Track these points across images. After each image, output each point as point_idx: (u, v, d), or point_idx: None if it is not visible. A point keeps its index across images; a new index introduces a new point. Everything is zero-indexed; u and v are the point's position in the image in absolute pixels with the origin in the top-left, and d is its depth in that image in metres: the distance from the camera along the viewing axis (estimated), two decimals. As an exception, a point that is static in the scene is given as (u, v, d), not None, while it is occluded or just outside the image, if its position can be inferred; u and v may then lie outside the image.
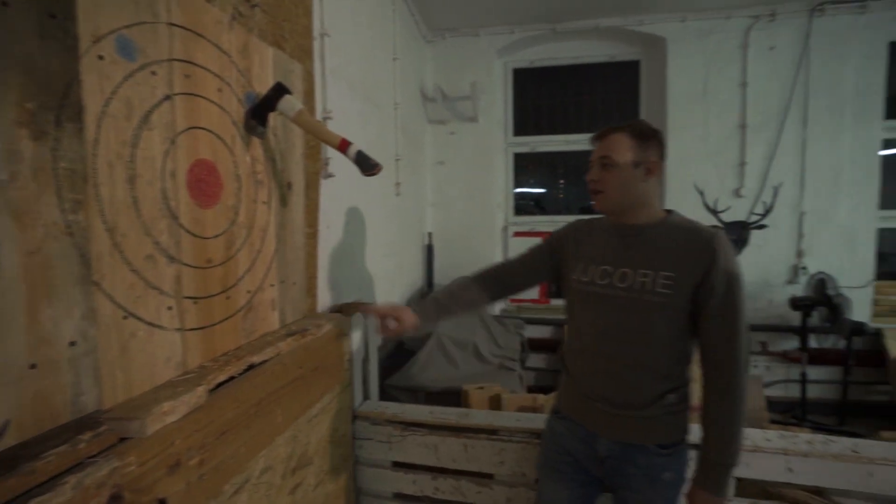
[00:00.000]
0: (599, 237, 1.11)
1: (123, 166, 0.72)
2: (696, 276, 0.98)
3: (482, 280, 1.24)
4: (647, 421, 1.04)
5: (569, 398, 1.14)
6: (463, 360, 2.10)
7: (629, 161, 1.03)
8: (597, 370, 1.07)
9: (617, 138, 1.04)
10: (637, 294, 1.01)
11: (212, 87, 0.92)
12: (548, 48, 3.38)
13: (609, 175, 1.04)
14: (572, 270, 1.13)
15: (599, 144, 1.07)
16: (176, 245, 0.83)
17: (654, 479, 1.04)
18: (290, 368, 1.05)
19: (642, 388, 1.03)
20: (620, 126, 1.06)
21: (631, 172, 1.03)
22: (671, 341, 1.02)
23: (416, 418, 1.50)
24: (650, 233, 1.05)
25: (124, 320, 0.72)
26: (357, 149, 0.98)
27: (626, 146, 1.03)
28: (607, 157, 1.03)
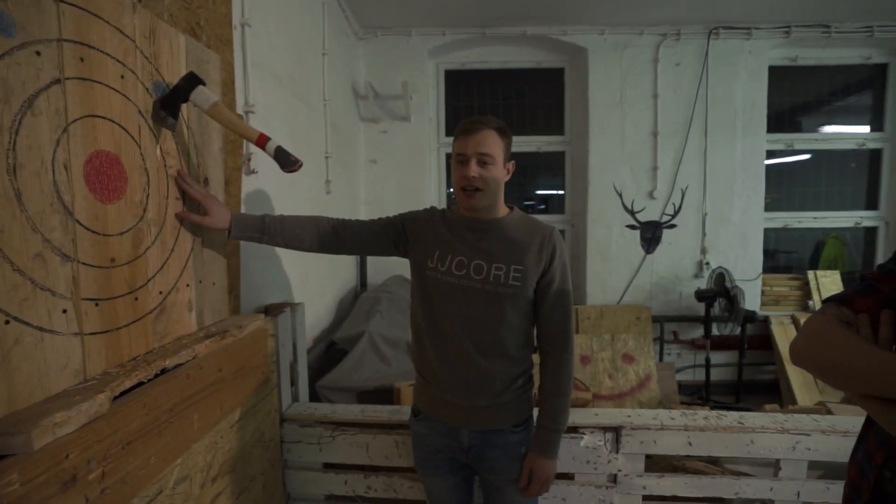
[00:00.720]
0: (453, 228, 1.14)
1: (1, 154, 0.65)
2: (540, 268, 1.09)
3: (322, 224, 1.20)
4: (503, 407, 1.13)
5: (426, 399, 1.19)
6: (396, 358, 2.10)
7: (500, 160, 1.08)
8: (455, 364, 1.11)
9: (491, 135, 1.06)
10: (492, 286, 1.08)
11: (112, 73, 0.85)
12: (479, 52, 3.47)
13: (488, 173, 1.06)
14: (427, 257, 1.14)
15: (473, 139, 1.06)
16: (71, 242, 0.76)
17: (513, 456, 1.14)
18: (208, 372, 0.99)
19: (497, 376, 1.11)
20: (486, 121, 1.08)
21: (500, 171, 1.09)
22: (520, 328, 1.12)
23: (347, 418, 1.48)
24: (498, 227, 1.12)
25: (6, 325, 0.65)
26: (276, 144, 0.95)
27: (498, 144, 1.07)
28: (487, 155, 1.05)
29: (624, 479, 1.41)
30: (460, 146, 1.09)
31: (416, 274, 1.17)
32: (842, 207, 3.50)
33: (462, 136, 1.09)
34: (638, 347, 2.78)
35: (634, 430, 1.40)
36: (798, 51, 3.33)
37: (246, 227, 1.13)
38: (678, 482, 1.41)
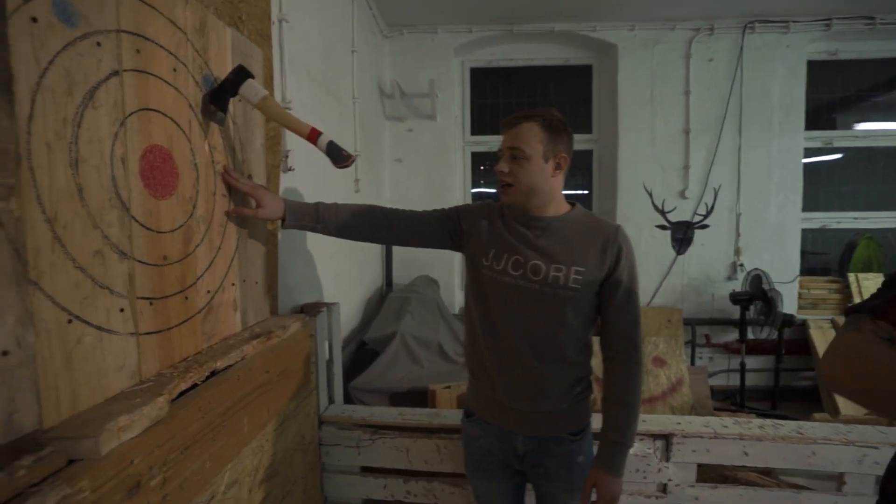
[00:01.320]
0: (509, 225, 1.09)
1: (65, 148, 0.63)
2: (604, 270, 1.03)
3: (375, 213, 1.16)
4: (560, 414, 1.08)
5: (480, 401, 1.14)
6: (428, 359, 2.07)
7: (540, 154, 1.02)
8: (511, 368, 1.06)
9: (528, 129, 1.01)
10: (551, 288, 1.02)
11: (166, 65, 0.83)
12: (505, 49, 3.42)
13: (519, 168, 1.02)
14: (482, 255, 1.09)
15: (509, 133, 1.03)
16: (128, 239, 0.73)
17: (570, 465, 1.09)
18: (257, 374, 0.97)
19: (556, 382, 1.06)
20: (531, 114, 1.03)
21: (541, 166, 1.03)
22: (580, 333, 1.06)
23: (386, 421, 1.45)
24: (558, 226, 1.06)
25: (69, 325, 0.63)
26: (328, 139, 0.92)
27: (537, 138, 1.01)
28: (518, 149, 1.01)
29: (675, 489, 1.35)
30: (502, 140, 1.06)
31: (471, 271, 1.12)
32: (884, 207, 3.36)
33: (503, 130, 1.06)
34: (669, 351, 2.70)
35: (686, 438, 1.34)
36: (838, 44, 3.20)
37: (301, 216, 1.10)
38: (733, 494, 1.34)
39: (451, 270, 3.34)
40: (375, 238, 1.17)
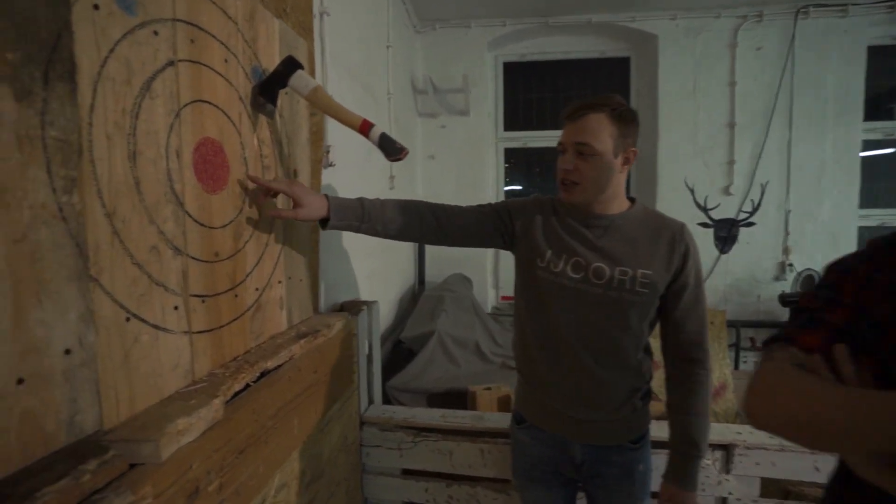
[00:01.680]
0: (566, 224, 1.02)
1: (123, 139, 0.61)
2: (671, 271, 0.96)
3: (422, 210, 1.06)
4: (621, 421, 1.01)
5: (533, 407, 1.07)
6: (465, 359, 2.02)
7: (609, 149, 0.94)
8: (570, 374, 0.99)
9: (596, 120, 0.92)
10: (616, 292, 0.95)
11: (218, 56, 0.80)
12: (539, 42, 3.33)
13: (587, 165, 0.94)
14: (537, 255, 1.02)
15: (574, 126, 0.94)
16: (182, 235, 0.71)
17: (630, 474, 1.02)
18: (306, 374, 0.94)
19: (617, 389, 1.00)
20: (598, 103, 0.93)
21: (610, 162, 0.95)
22: (642, 337, 1.00)
23: (429, 423, 1.41)
24: (621, 224, 0.99)
25: (127, 322, 0.61)
26: (381, 131, 0.88)
27: (606, 131, 0.93)
28: (586, 145, 0.93)
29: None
30: (562, 134, 0.99)
31: (524, 272, 1.06)
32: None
33: (565, 123, 0.98)
34: (713, 354, 2.57)
35: (749, 449, 1.25)
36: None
37: (345, 214, 1.00)
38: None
39: (483, 268, 3.29)
40: (424, 238, 1.08)
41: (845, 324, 0.56)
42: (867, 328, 0.53)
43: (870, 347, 0.52)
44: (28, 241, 0.49)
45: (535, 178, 3.66)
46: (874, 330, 0.52)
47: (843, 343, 0.54)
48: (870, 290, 0.55)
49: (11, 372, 0.47)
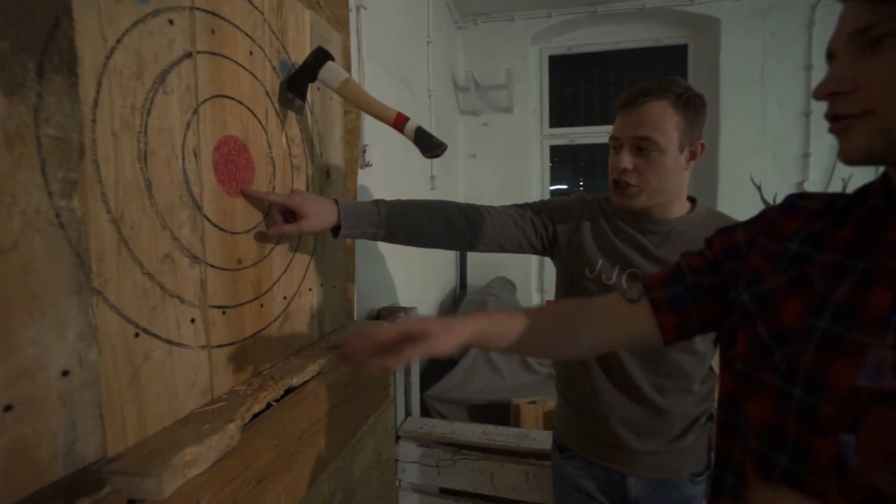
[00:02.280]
0: (618, 229, 0.89)
1: (133, 138, 0.55)
2: None
3: (451, 213, 0.91)
4: (681, 452, 0.88)
5: (579, 436, 0.94)
6: (508, 369, 1.91)
7: (675, 143, 0.80)
8: (626, 401, 0.87)
9: (658, 109, 0.79)
10: None
11: (242, 48, 0.75)
12: (587, 33, 3.16)
13: (647, 163, 0.80)
14: (585, 265, 0.89)
15: (630, 117, 0.81)
16: (200, 241, 0.66)
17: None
18: (335, 390, 0.87)
19: (678, 417, 0.86)
20: (659, 88, 0.80)
21: (675, 158, 0.81)
22: (706, 360, 0.87)
23: (469, 439, 1.32)
24: (682, 230, 0.85)
25: (136, 338, 0.56)
26: (416, 125, 0.80)
27: (671, 122, 0.79)
28: (647, 139, 0.79)
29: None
30: (615, 127, 0.86)
31: (568, 284, 0.94)
32: None
33: (619, 114, 0.85)
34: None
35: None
36: None
37: (358, 222, 0.85)
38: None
39: (527, 271, 3.16)
40: (454, 245, 0.94)
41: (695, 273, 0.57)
42: (751, 300, 0.50)
43: (746, 319, 0.50)
44: (19, 250, 0.43)
45: (582, 176, 3.48)
46: (759, 302, 0.50)
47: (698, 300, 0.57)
48: (752, 257, 0.53)
49: (-1, 398, 0.42)
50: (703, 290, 0.57)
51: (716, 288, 0.57)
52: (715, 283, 0.57)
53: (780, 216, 0.53)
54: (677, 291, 0.58)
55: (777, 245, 0.51)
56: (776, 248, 0.51)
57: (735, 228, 0.57)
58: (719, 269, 0.56)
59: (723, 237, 0.57)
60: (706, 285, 0.57)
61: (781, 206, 0.55)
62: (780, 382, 0.45)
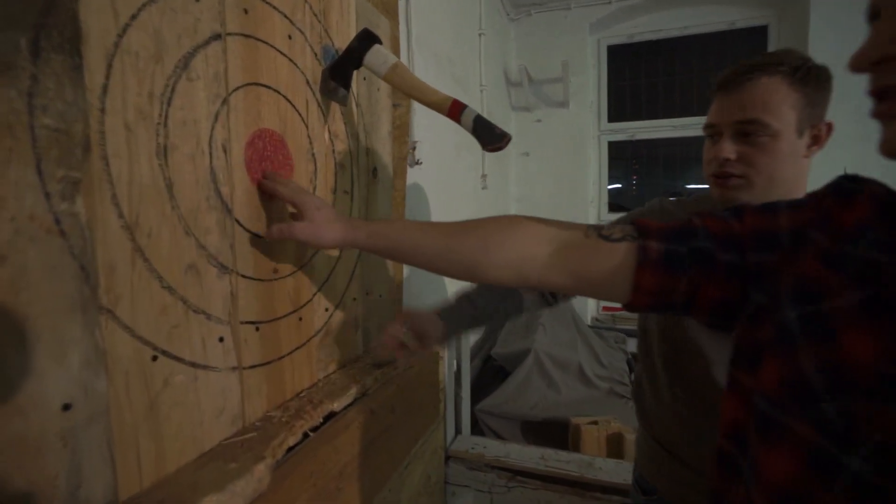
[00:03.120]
0: None
1: (150, 131, 0.48)
2: None
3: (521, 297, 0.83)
4: None
5: (670, 478, 0.78)
6: (565, 383, 1.76)
7: (792, 125, 0.64)
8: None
9: (770, 86, 0.64)
10: None
11: (280, 31, 0.67)
12: (650, 19, 2.92)
13: (756, 151, 0.65)
14: None
15: (733, 98, 0.67)
16: (230, 249, 0.58)
17: None
18: (381, 415, 0.78)
19: None
20: (769, 63, 0.65)
21: (793, 144, 0.65)
22: None
23: (525, 465, 1.19)
24: None
25: (153, 362, 0.48)
26: (475, 113, 0.69)
27: (787, 101, 0.64)
28: (756, 122, 0.64)
29: None
30: (712, 113, 0.71)
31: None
32: None
33: (717, 97, 0.70)
34: None
35: None
36: None
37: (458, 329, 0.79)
38: None
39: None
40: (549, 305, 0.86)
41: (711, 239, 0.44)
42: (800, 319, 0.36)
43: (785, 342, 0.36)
44: (8, 263, 0.36)
45: (636, 175, 3.24)
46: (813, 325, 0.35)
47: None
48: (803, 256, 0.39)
49: (-16, 440, 0.35)
50: (712, 263, 0.43)
51: (730, 271, 0.43)
52: (732, 263, 0.43)
53: (838, 204, 0.39)
54: (678, 250, 0.44)
55: (835, 244, 0.37)
56: (834, 249, 0.37)
57: (778, 210, 0.43)
58: (744, 252, 0.43)
59: (759, 215, 0.44)
60: (720, 261, 0.43)
61: (835, 191, 0.40)
62: (824, 442, 0.32)
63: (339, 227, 0.59)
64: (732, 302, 0.44)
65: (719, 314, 0.45)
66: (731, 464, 0.42)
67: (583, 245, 0.48)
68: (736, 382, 0.43)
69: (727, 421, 0.43)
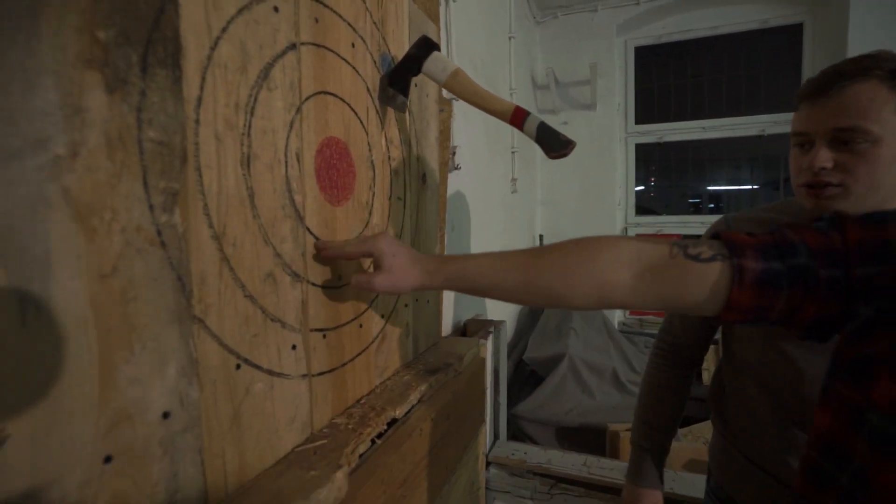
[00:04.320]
0: None
1: (236, 141, 0.48)
2: None
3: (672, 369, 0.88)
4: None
5: (757, 490, 0.75)
6: (600, 388, 1.74)
7: (892, 131, 0.61)
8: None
9: (867, 92, 0.61)
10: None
11: (344, 39, 0.67)
12: (679, 19, 2.88)
13: (857, 159, 0.62)
14: None
15: (826, 105, 0.64)
16: (302, 258, 0.58)
17: None
18: (439, 422, 0.78)
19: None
20: (864, 67, 0.62)
21: (894, 149, 0.62)
22: None
23: (568, 471, 1.18)
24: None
25: (237, 371, 0.49)
26: (538, 121, 0.68)
27: (888, 106, 0.60)
28: (855, 130, 0.61)
29: None
30: (800, 121, 0.68)
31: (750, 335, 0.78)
32: None
33: (805, 103, 0.68)
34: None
35: None
36: None
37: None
38: None
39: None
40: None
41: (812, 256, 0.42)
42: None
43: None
44: (119, 275, 0.37)
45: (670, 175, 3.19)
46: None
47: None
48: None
49: (97, 449, 0.36)
50: (814, 280, 0.42)
51: (832, 286, 0.41)
52: (834, 279, 0.41)
53: None
54: (776, 268, 0.43)
55: None
56: None
57: (887, 220, 0.42)
58: (848, 267, 0.41)
59: (866, 227, 0.42)
60: (822, 278, 0.41)
61: None
62: None
63: (416, 273, 0.58)
64: (832, 316, 0.42)
65: (816, 328, 0.44)
66: (821, 474, 0.41)
67: (669, 266, 0.46)
68: (834, 394, 0.42)
69: (820, 432, 0.42)
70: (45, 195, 0.32)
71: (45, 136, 0.32)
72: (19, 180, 0.31)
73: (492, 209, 1.84)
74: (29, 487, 0.32)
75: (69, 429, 0.34)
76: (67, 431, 0.34)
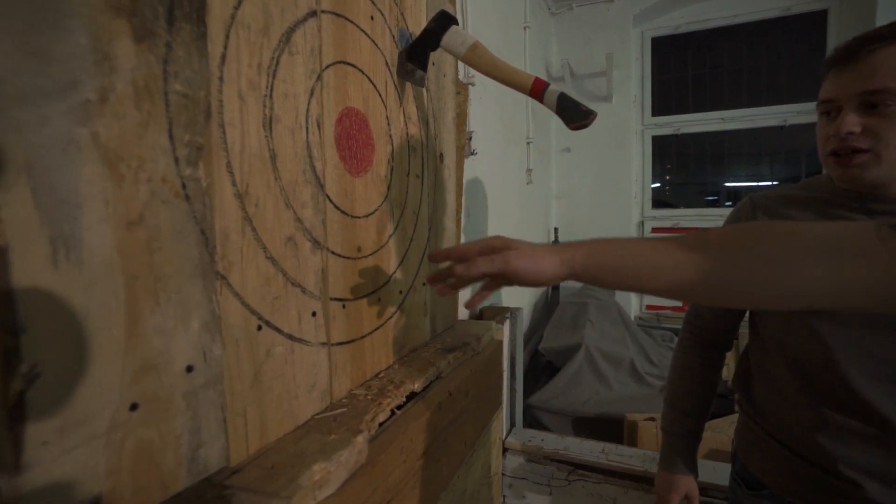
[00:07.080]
0: (850, 220, 0.67)
1: (259, 102, 0.48)
2: None
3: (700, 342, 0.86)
4: None
5: (787, 473, 0.72)
6: (617, 379, 1.72)
7: None
8: (850, 428, 0.65)
9: (893, 56, 0.60)
10: None
11: (364, 10, 0.67)
12: (697, 8, 2.83)
13: (886, 122, 0.60)
14: None
15: (853, 71, 0.62)
16: (322, 224, 0.58)
17: None
18: (458, 398, 0.77)
19: None
20: (890, 33, 0.60)
21: None
22: None
23: (586, 458, 1.16)
24: None
25: (259, 332, 0.49)
26: (559, 91, 0.67)
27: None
28: (885, 91, 0.59)
29: None
30: (828, 88, 0.66)
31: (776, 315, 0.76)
32: None
33: (833, 72, 0.66)
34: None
35: None
36: None
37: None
38: None
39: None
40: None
41: None
42: None
43: None
44: (145, 224, 0.37)
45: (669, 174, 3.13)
46: None
47: None
48: None
49: (124, 395, 0.36)
50: None
51: None
52: None
53: None
54: None
55: None
56: None
57: None
58: None
59: None
60: None
61: None
62: None
63: (556, 258, 0.48)
64: None
65: None
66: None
67: (882, 252, 0.38)
68: None
69: None
70: (74, 138, 0.33)
71: (76, 79, 0.33)
72: (51, 120, 0.31)
73: (507, 199, 1.83)
74: (60, 426, 0.32)
75: (97, 372, 0.34)
76: (95, 374, 0.34)
